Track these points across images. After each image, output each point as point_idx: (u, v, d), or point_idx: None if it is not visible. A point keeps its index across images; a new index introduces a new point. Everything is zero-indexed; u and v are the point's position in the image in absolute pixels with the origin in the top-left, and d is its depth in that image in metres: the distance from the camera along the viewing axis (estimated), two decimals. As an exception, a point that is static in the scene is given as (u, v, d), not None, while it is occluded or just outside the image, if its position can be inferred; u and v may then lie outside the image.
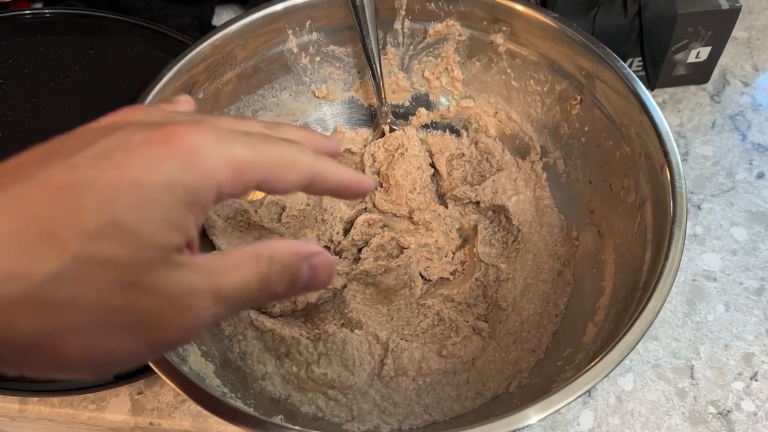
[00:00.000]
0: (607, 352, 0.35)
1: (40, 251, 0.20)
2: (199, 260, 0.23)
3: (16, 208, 0.20)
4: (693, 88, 0.65)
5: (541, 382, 0.44)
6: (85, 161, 0.21)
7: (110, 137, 0.22)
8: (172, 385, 0.35)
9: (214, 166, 0.22)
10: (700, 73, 0.64)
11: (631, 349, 0.35)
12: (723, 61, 0.65)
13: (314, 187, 0.27)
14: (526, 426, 0.33)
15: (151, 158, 0.21)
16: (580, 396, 0.34)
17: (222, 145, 0.23)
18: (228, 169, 0.23)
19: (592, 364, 0.34)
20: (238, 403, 0.41)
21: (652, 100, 0.44)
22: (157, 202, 0.21)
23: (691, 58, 0.62)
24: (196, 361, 0.41)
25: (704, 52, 0.61)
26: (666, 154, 0.42)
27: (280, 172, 0.25)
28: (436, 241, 0.52)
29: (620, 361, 0.34)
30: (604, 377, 0.34)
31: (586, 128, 0.50)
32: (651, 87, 0.63)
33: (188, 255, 0.23)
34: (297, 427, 0.33)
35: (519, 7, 0.49)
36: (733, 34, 0.62)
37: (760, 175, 0.59)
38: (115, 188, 0.21)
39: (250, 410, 0.38)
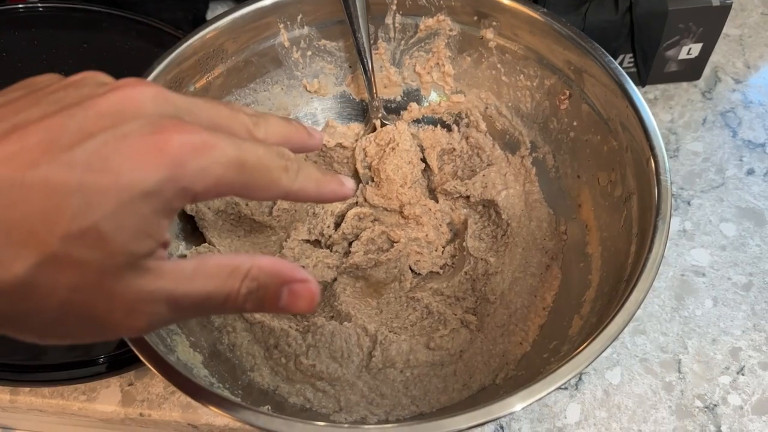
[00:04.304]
0: (590, 343, 0.35)
1: (24, 247, 0.21)
2: (168, 266, 0.24)
3: (14, 199, 0.21)
4: (684, 84, 0.65)
5: (527, 374, 0.44)
6: (82, 159, 0.22)
7: (109, 132, 0.22)
8: (158, 374, 0.36)
9: (195, 180, 0.23)
10: (692, 70, 0.64)
11: (614, 340, 0.35)
12: (715, 58, 0.66)
13: (289, 200, 0.27)
14: (510, 414, 0.33)
15: (141, 168, 0.22)
16: (563, 384, 0.34)
17: (210, 161, 0.23)
18: (207, 184, 0.24)
19: (574, 354, 0.35)
20: (226, 394, 0.41)
21: (639, 94, 0.44)
22: (136, 211, 0.22)
23: (683, 55, 0.62)
24: (184, 352, 0.42)
25: (695, 48, 0.62)
26: (652, 147, 0.42)
27: (254, 191, 0.26)
28: (427, 235, 0.53)
29: (602, 351, 0.35)
30: (587, 366, 0.34)
31: (575, 123, 0.50)
32: (642, 83, 0.63)
33: (158, 259, 0.24)
34: (283, 416, 0.34)
35: (507, 2, 0.49)
36: (725, 31, 0.62)
37: (750, 172, 0.59)
38: (102, 194, 0.22)
39: (237, 399, 0.39)
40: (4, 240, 0.21)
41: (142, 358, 0.36)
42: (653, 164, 0.41)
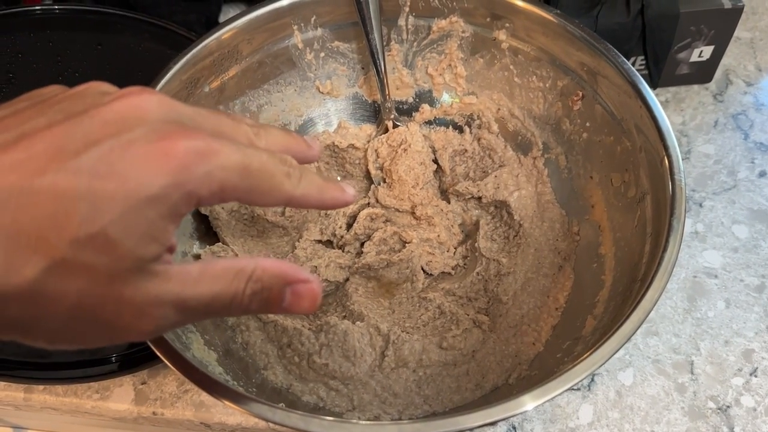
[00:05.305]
0: (604, 342, 0.35)
1: (34, 252, 0.21)
2: (175, 269, 0.25)
3: (23, 205, 0.21)
4: (696, 87, 0.65)
5: (540, 374, 0.44)
6: (88, 165, 0.22)
7: (115, 139, 0.23)
8: (175, 370, 0.36)
9: (200, 184, 0.24)
10: (703, 73, 0.64)
11: (628, 339, 0.35)
12: (726, 61, 0.66)
13: (292, 206, 0.28)
14: (522, 412, 0.33)
15: (147, 173, 0.22)
16: (577, 383, 0.34)
17: (215, 165, 0.24)
18: (212, 188, 0.24)
19: (589, 353, 0.35)
20: (241, 391, 0.41)
21: (653, 95, 0.44)
22: (142, 216, 0.23)
23: (694, 57, 0.62)
24: (199, 350, 0.42)
25: (707, 51, 0.62)
26: (666, 147, 0.42)
27: (257, 196, 0.26)
28: (438, 235, 0.53)
29: (616, 350, 0.35)
30: (601, 366, 0.34)
31: (588, 124, 0.51)
32: (654, 86, 0.63)
33: (165, 263, 0.24)
34: (299, 412, 0.34)
35: (520, 4, 0.50)
36: (736, 34, 0.62)
37: (762, 174, 0.59)
38: (109, 200, 0.22)
39: (253, 395, 0.39)
40: (13, 245, 0.21)
41: (159, 355, 0.36)
42: (667, 164, 0.41)
